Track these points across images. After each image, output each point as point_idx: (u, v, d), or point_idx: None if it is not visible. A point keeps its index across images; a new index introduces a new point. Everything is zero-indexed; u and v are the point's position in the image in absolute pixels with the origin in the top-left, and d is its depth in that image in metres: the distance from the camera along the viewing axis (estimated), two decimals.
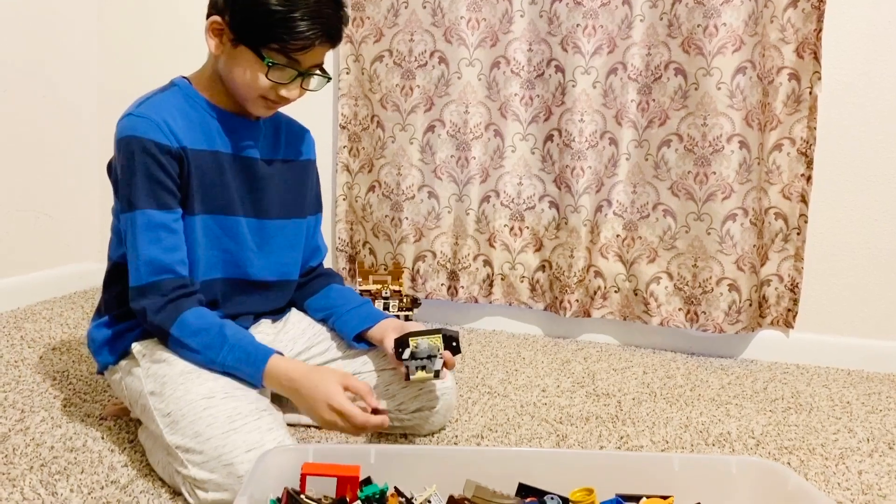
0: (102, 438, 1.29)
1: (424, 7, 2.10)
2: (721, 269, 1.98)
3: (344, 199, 2.27)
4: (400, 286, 2.14)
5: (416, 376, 1.19)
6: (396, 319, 1.34)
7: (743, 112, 1.92)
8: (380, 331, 1.31)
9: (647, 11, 2.00)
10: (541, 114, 2.11)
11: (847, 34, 1.93)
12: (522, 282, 2.18)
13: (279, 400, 1.26)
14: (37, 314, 2.08)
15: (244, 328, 1.23)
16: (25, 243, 2.22)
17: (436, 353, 1.20)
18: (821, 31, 1.89)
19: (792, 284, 2.01)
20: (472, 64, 2.11)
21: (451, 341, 1.22)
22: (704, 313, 2.01)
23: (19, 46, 2.14)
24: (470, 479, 1.00)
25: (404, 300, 2.09)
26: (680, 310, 2.04)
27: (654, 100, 2.02)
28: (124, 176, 1.17)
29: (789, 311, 2.02)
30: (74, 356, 1.73)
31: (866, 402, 1.74)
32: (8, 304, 2.12)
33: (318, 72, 1.23)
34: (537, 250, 2.17)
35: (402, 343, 1.22)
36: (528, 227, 2.17)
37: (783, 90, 1.95)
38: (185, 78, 1.28)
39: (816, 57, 1.91)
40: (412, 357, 1.19)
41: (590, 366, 1.91)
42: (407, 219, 2.19)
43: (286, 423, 1.21)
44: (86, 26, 2.40)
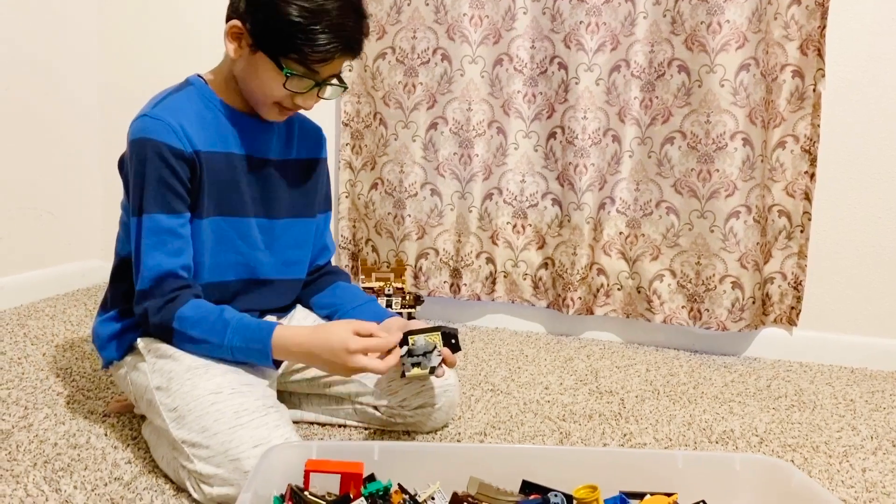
0: (106, 435, 1.29)
1: (427, 4, 2.10)
2: (724, 266, 1.98)
3: (347, 197, 2.27)
4: (403, 284, 2.14)
5: (411, 373, 1.20)
6: (400, 318, 1.34)
7: (746, 109, 1.92)
8: (384, 329, 1.31)
9: (651, 8, 1.99)
10: (544, 111, 2.11)
11: (851, 31, 1.92)
12: (525, 279, 2.18)
13: (282, 398, 1.26)
14: (40, 311, 2.08)
15: None
16: (28, 241, 2.23)
17: (432, 349, 1.20)
18: (824, 27, 1.89)
19: (795, 282, 2.00)
20: (474, 61, 2.11)
21: (450, 338, 1.22)
22: (707, 311, 2.00)
23: (21, 44, 2.14)
24: (474, 476, 1.01)
25: (407, 298, 2.09)
26: (683, 307, 2.04)
27: (657, 97, 2.02)
28: (135, 178, 1.17)
29: (793, 308, 2.01)
30: (78, 353, 1.73)
31: (870, 399, 1.74)
32: (11, 302, 2.12)
33: (334, 81, 1.23)
34: (540, 248, 2.17)
35: (403, 341, 1.22)
36: (530, 225, 2.16)
37: (787, 87, 1.95)
38: (201, 77, 1.27)
39: (820, 54, 1.90)
40: (409, 354, 1.19)
41: (593, 363, 1.91)
42: (409, 216, 2.19)
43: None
44: (87, 23, 2.40)
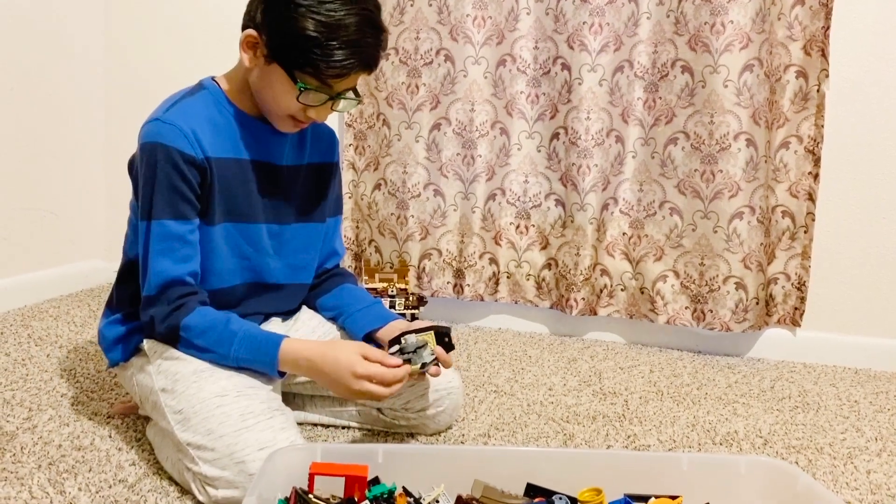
0: (110, 437, 1.29)
1: (430, 5, 2.10)
2: (728, 267, 1.97)
3: (350, 198, 2.27)
4: (406, 284, 2.14)
5: None
6: (405, 321, 1.34)
7: (750, 110, 1.91)
8: (387, 332, 1.31)
9: (654, 9, 1.99)
10: (547, 112, 2.11)
11: (855, 31, 1.92)
12: (528, 280, 2.18)
13: (286, 400, 1.26)
14: (44, 312, 2.09)
15: None
16: (32, 242, 2.23)
17: (423, 345, 1.20)
18: (828, 28, 1.88)
19: (799, 283, 2.00)
20: (477, 62, 2.10)
21: (443, 337, 1.22)
22: (711, 312, 2.00)
23: (24, 45, 2.14)
24: (478, 478, 1.00)
25: (410, 298, 2.09)
26: (686, 308, 2.04)
27: (660, 97, 2.02)
28: (145, 182, 1.16)
29: (796, 309, 2.01)
30: (82, 354, 1.73)
31: (874, 401, 1.74)
32: (15, 303, 2.12)
33: (349, 94, 1.21)
34: (543, 248, 2.17)
35: (396, 340, 1.22)
36: (534, 225, 2.16)
37: (790, 88, 1.94)
38: (215, 80, 1.26)
39: (824, 54, 1.90)
40: (400, 351, 1.20)
41: (596, 364, 1.91)
42: (413, 217, 2.19)
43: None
44: (91, 25, 2.40)
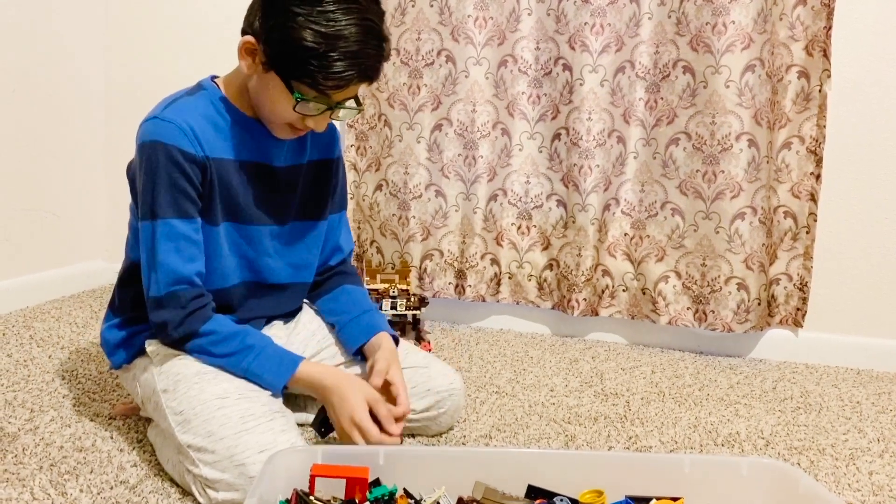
0: (112, 438, 1.29)
1: (431, 6, 2.10)
2: (730, 267, 1.97)
3: (351, 198, 2.27)
4: (407, 285, 2.13)
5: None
6: (388, 340, 1.32)
7: (752, 110, 1.91)
8: (371, 349, 1.32)
9: (656, 9, 1.99)
10: (548, 112, 2.11)
11: (856, 31, 1.92)
12: (530, 280, 2.18)
13: (286, 401, 1.26)
14: (45, 313, 2.09)
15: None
16: (33, 243, 2.23)
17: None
18: (830, 28, 1.88)
19: (801, 283, 2.00)
20: (479, 62, 2.10)
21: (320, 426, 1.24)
22: (713, 312, 2.00)
23: (25, 46, 2.14)
24: (479, 480, 1.00)
25: (412, 299, 2.09)
26: (688, 309, 2.04)
27: (662, 98, 2.02)
28: (146, 182, 1.14)
29: (798, 310, 2.01)
30: (83, 355, 1.73)
31: (876, 402, 1.73)
32: (16, 304, 2.13)
33: (350, 103, 1.18)
34: (545, 249, 2.17)
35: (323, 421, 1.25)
36: (535, 226, 2.16)
37: (792, 88, 1.94)
38: (214, 81, 1.24)
39: (826, 55, 1.90)
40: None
41: (598, 365, 1.91)
42: (414, 217, 2.19)
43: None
44: (92, 25, 2.40)
